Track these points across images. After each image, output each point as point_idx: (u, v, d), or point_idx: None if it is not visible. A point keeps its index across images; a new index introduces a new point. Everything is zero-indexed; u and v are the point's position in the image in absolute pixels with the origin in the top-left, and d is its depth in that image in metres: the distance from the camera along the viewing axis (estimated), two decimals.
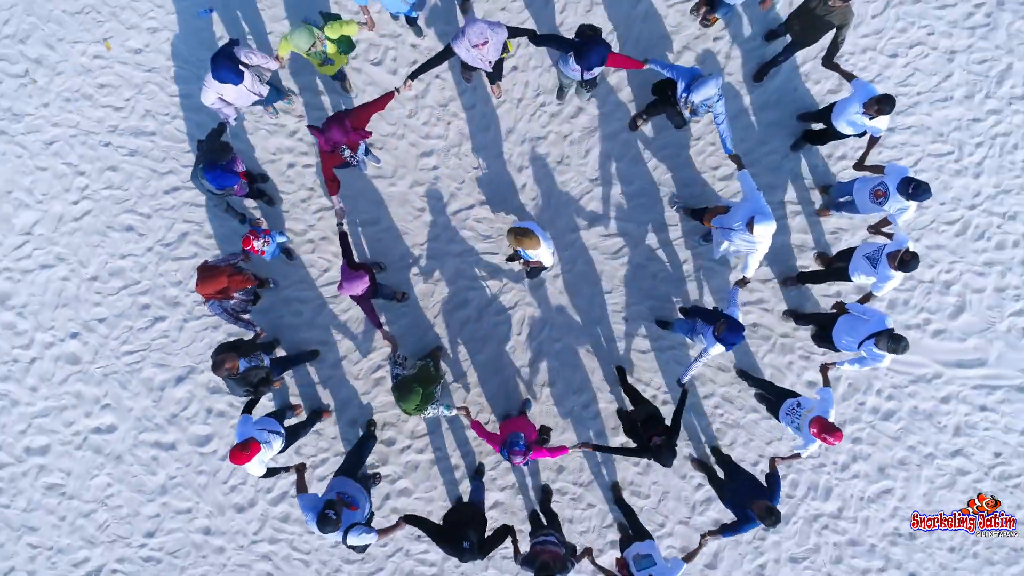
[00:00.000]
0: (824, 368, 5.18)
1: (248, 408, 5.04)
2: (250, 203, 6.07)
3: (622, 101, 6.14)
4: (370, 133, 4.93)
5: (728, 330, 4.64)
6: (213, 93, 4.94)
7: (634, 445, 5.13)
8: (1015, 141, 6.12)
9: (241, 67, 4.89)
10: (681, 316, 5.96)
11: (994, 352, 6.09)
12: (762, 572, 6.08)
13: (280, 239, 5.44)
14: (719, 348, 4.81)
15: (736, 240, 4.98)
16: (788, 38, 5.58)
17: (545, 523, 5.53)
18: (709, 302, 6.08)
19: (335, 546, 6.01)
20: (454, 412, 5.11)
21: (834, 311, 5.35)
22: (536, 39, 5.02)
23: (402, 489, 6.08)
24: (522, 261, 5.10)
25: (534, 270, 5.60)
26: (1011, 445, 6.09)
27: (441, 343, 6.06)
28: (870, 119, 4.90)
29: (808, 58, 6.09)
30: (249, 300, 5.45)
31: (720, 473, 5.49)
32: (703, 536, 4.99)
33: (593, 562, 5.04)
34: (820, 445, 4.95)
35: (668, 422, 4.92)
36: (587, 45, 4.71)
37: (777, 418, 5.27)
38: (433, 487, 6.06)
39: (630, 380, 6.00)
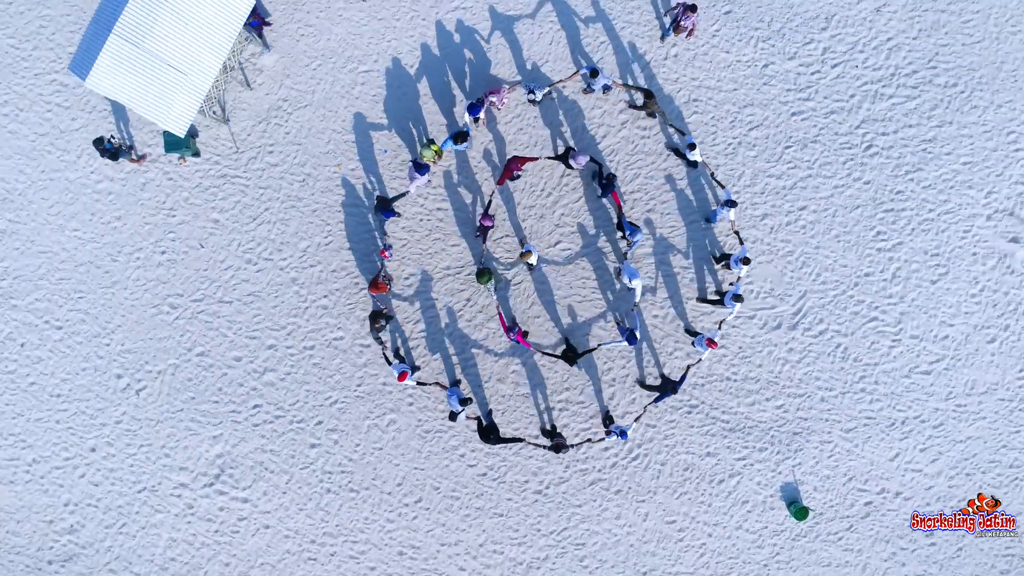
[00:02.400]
0: (720, 322, 12.76)
1: (387, 361, 12.56)
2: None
3: (572, 201, 13.67)
4: (523, 168, 12.66)
5: (630, 338, 12.10)
6: (416, 176, 12.51)
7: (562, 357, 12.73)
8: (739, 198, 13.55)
9: (424, 167, 12.52)
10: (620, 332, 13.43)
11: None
12: (634, 403, 13.45)
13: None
14: (626, 344, 12.30)
15: (628, 285, 12.57)
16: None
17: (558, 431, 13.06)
18: (615, 285, 13.52)
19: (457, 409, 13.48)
20: (494, 298, 12.75)
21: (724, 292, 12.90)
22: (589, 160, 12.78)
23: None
24: (525, 263, 12.73)
25: (528, 266, 13.15)
26: (757, 346, 13.45)
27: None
28: (689, 153, 12.39)
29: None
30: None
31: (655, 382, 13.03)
32: (645, 407, 12.52)
33: (593, 441, 12.58)
34: (710, 351, 12.36)
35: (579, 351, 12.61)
36: (606, 184, 12.34)
37: (694, 346, 12.80)
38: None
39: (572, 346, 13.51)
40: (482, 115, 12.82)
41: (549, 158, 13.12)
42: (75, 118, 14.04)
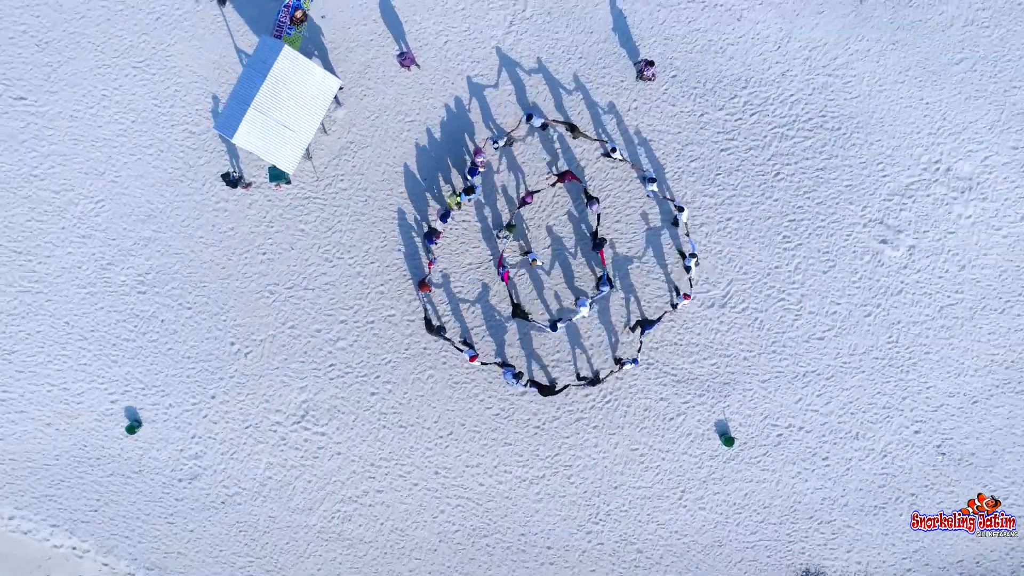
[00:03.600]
0: (689, 279, 17.92)
1: (458, 349, 17.73)
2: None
3: (563, 235, 18.79)
4: (570, 181, 17.92)
5: (552, 328, 17.34)
6: (440, 223, 17.74)
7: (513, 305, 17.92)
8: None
9: (447, 214, 17.75)
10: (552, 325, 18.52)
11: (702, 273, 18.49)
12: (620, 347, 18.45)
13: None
14: (554, 333, 17.63)
15: (578, 310, 17.73)
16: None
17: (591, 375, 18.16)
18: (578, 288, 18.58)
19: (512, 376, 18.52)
20: (505, 243, 17.91)
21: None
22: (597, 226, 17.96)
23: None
24: (532, 262, 17.91)
25: (534, 268, 18.28)
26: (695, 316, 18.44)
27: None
28: (612, 153, 17.50)
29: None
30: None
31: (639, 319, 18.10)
32: (640, 341, 17.60)
33: (615, 373, 17.66)
34: (686, 301, 17.52)
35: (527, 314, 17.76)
36: (599, 243, 17.66)
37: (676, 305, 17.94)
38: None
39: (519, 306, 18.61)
40: (480, 170, 17.91)
41: (585, 193, 18.04)
42: (200, 156, 19.38)
